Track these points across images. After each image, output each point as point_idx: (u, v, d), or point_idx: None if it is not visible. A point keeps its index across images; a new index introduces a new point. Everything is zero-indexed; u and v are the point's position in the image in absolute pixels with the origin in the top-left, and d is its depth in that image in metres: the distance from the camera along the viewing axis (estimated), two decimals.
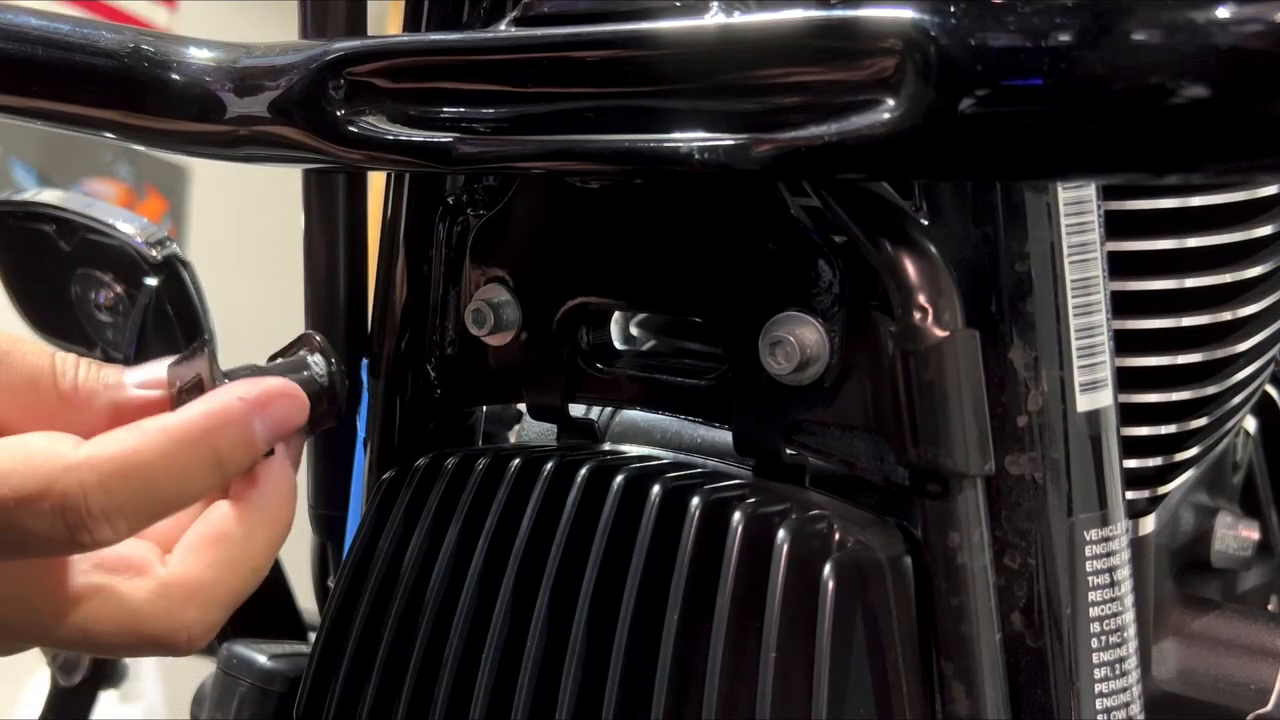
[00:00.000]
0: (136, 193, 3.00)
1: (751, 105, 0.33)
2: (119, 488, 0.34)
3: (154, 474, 0.35)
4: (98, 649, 0.37)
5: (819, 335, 0.36)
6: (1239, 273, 0.41)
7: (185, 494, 0.36)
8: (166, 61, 0.41)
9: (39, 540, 0.34)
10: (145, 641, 0.36)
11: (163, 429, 0.36)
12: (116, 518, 0.34)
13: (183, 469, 0.36)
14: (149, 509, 0.35)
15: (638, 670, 0.37)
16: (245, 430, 0.37)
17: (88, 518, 0.34)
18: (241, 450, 0.37)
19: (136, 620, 0.36)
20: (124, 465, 0.35)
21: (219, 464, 0.37)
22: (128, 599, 0.36)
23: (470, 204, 0.46)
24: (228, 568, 0.37)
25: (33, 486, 0.34)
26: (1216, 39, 0.26)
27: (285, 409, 0.39)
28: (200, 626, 0.37)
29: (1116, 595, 0.36)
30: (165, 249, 0.59)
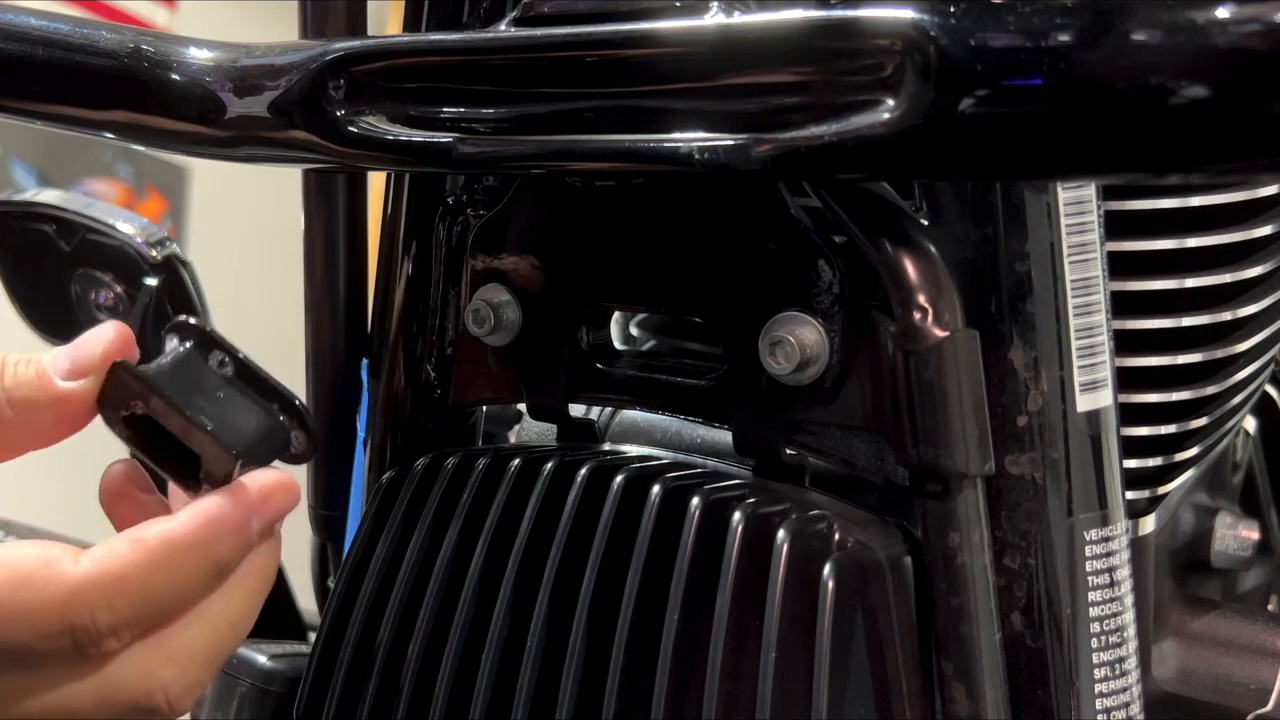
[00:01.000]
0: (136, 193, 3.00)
1: (751, 105, 0.33)
2: (125, 605, 0.34)
3: (157, 587, 0.35)
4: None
5: (819, 335, 0.36)
6: (1239, 273, 0.41)
7: (188, 602, 0.36)
8: (166, 61, 0.41)
9: (47, 659, 0.34)
10: (124, 707, 0.36)
11: (164, 541, 0.35)
12: (123, 631, 0.35)
13: (186, 580, 0.36)
14: (153, 619, 0.35)
15: (638, 670, 0.37)
16: (244, 533, 0.37)
17: (97, 636, 0.34)
18: (240, 554, 0.37)
19: (112, 686, 0.35)
20: (129, 582, 0.34)
21: (220, 572, 0.36)
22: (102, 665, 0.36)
23: (470, 204, 0.46)
24: (206, 625, 0.37)
25: (40, 612, 0.34)
26: (1216, 39, 0.26)
27: (281, 503, 0.38)
28: (179, 686, 0.36)
29: (1116, 595, 0.36)
30: (165, 249, 0.59)
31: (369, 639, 0.42)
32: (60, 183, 2.73)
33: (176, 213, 3.08)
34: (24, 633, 0.34)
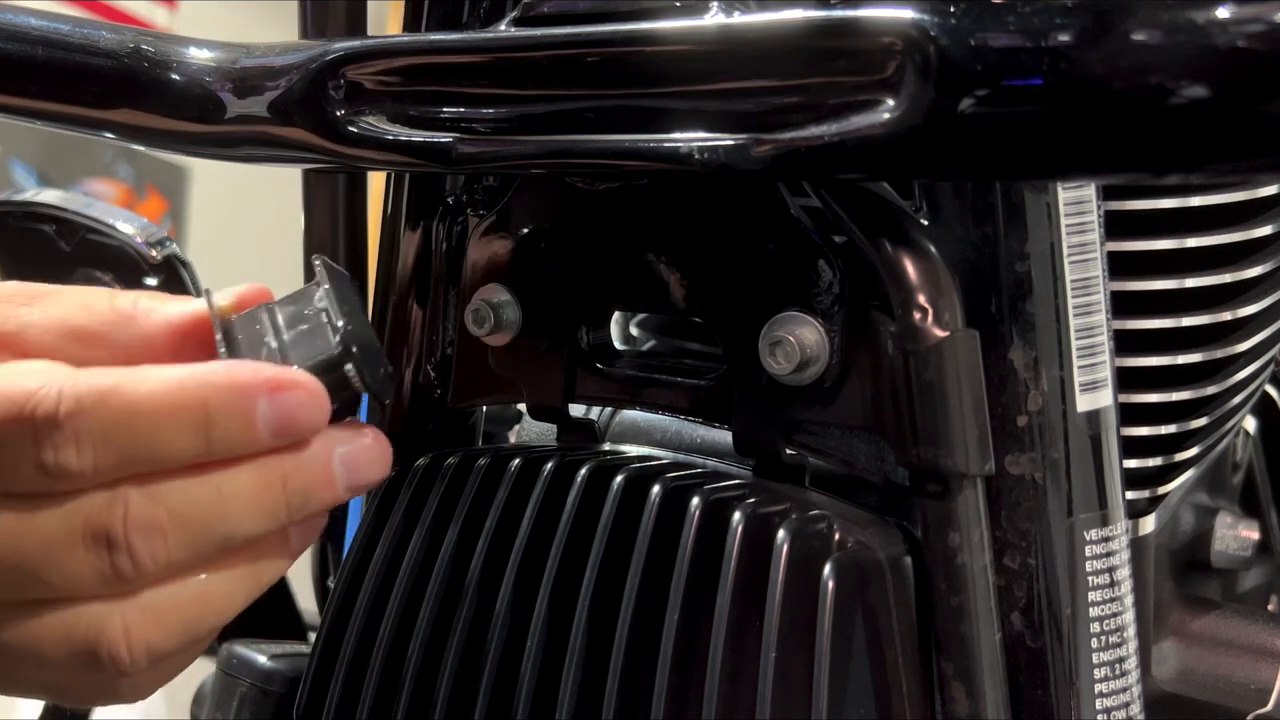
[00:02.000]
0: (136, 193, 3.00)
1: (751, 105, 0.33)
2: (94, 409, 0.32)
3: (135, 409, 0.32)
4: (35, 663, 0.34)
5: (819, 335, 0.36)
6: (1239, 273, 0.41)
7: (161, 443, 0.33)
8: (166, 62, 0.41)
9: (10, 455, 0.32)
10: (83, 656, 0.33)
11: (158, 371, 0.33)
12: (85, 441, 0.32)
13: (166, 415, 0.32)
14: (120, 446, 0.32)
15: (638, 670, 0.37)
16: (245, 402, 0.33)
17: (57, 429, 0.31)
18: (235, 423, 0.33)
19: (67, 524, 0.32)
20: (106, 392, 0.32)
21: (206, 425, 0.33)
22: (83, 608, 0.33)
23: (470, 204, 0.46)
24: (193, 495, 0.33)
25: (11, 387, 0.32)
26: (1216, 39, 0.26)
27: (299, 402, 0.34)
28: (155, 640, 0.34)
29: (1116, 595, 0.36)
30: (165, 249, 0.59)
31: (369, 639, 0.42)
32: (60, 183, 2.73)
33: (176, 213, 3.08)
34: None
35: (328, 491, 0.36)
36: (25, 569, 0.32)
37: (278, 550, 0.36)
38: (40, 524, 0.32)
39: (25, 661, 0.33)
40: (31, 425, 0.31)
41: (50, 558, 0.32)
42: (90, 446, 0.32)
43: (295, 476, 0.35)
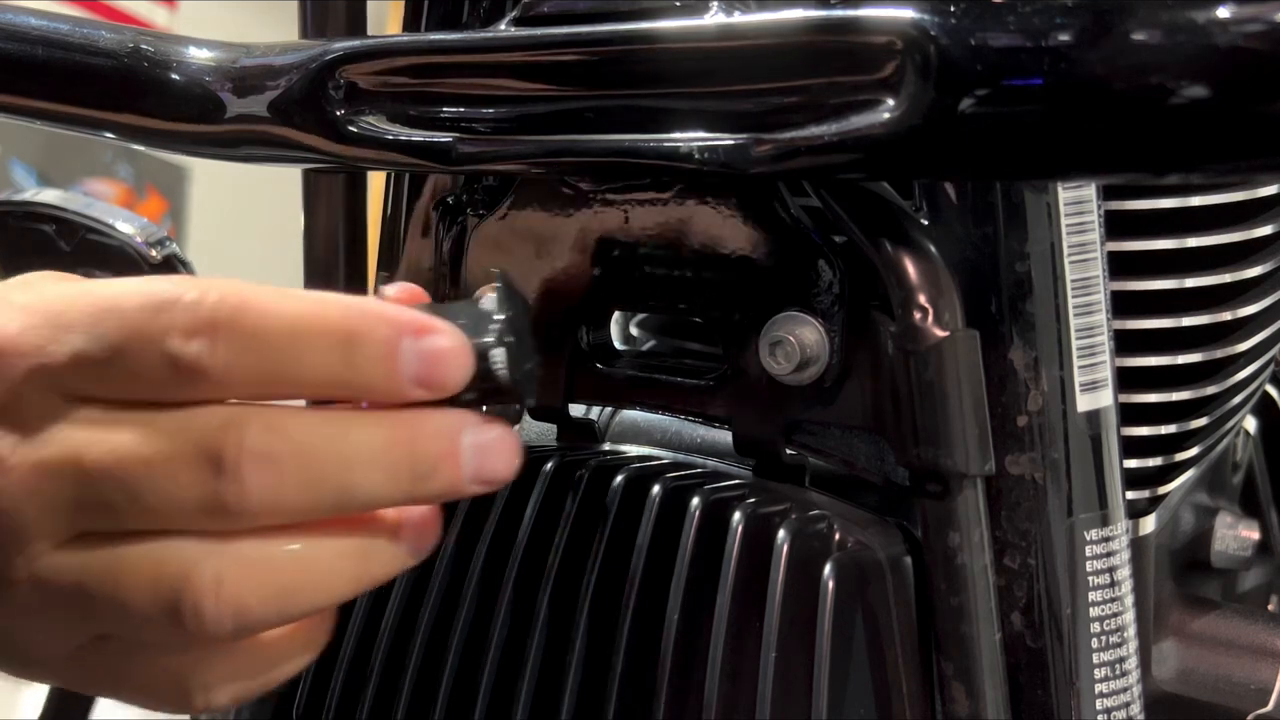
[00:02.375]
0: (136, 193, 3.00)
1: (751, 105, 0.33)
2: (237, 310, 0.30)
3: (280, 317, 0.30)
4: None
5: (819, 335, 0.36)
6: (1239, 273, 0.41)
7: (301, 359, 0.31)
8: (166, 61, 0.41)
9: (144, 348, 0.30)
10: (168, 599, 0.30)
11: (305, 290, 0.32)
12: (221, 338, 0.30)
13: (310, 331, 0.31)
14: (257, 352, 0.30)
15: (639, 670, 0.37)
16: (392, 334, 0.31)
17: (196, 320, 0.30)
18: (379, 354, 0.31)
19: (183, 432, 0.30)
20: (251, 297, 0.30)
21: (349, 350, 0.31)
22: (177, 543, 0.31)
23: (470, 204, 0.46)
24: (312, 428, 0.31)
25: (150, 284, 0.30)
26: (1216, 39, 0.26)
27: (443, 350, 0.32)
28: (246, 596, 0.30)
29: (1117, 595, 0.36)
30: (165, 249, 0.59)
31: (369, 639, 0.42)
32: (60, 182, 2.74)
33: (176, 212, 3.08)
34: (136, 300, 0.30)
35: (453, 471, 0.33)
36: (124, 487, 0.30)
37: (389, 539, 0.33)
38: (149, 437, 0.30)
39: (99, 604, 0.31)
40: (169, 315, 0.30)
41: (151, 475, 0.30)
42: (226, 344, 0.30)
43: (423, 442, 0.32)
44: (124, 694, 0.34)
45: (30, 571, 0.31)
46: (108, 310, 0.31)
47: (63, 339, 0.31)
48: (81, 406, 0.31)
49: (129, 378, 0.31)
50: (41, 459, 0.31)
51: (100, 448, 0.30)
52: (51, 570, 0.31)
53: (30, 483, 0.31)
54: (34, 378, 0.31)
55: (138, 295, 0.31)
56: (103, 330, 0.30)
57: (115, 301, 0.31)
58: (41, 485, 0.31)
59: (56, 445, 0.31)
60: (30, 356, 0.31)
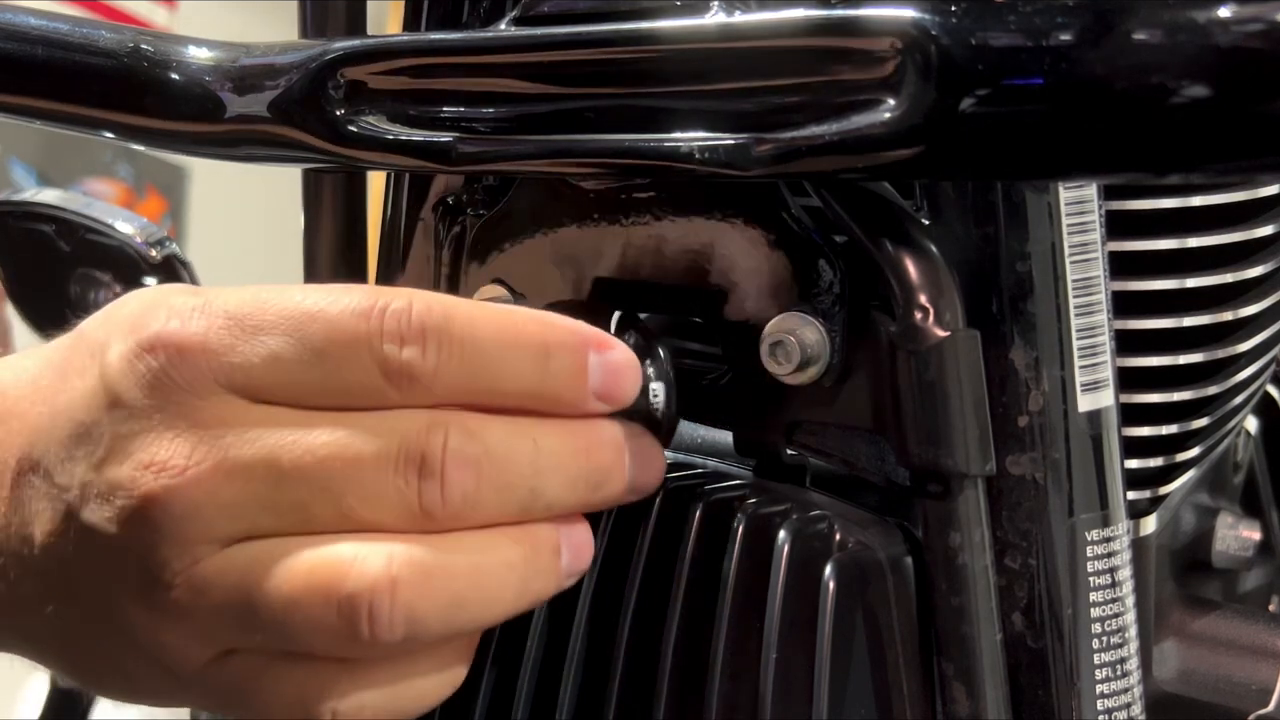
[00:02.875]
0: (136, 192, 3.00)
1: (752, 105, 0.33)
2: (444, 318, 0.31)
3: (484, 326, 0.31)
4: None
5: (819, 335, 0.36)
6: (1240, 273, 0.41)
7: (504, 368, 0.32)
8: (166, 61, 0.41)
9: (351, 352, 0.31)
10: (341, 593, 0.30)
11: (490, 304, 0.33)
12: (431, 343, 0.31)
13: (510, 341, 0.32)
14: (465, 360, 0.31)
15: (639, 671, 0.37)
16: (581, 347, 0.33)
17: (407, 326, 0.30)
18: (570, 365, 0.32)
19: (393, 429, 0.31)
20: (454, 307, 0.31)
21: (544, 361, 0.32)
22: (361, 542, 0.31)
23: (470, 204, 0.46)
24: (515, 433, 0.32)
25: (355, 293, 0.31)
26: (1218, 38, 0.26)
27: (623, 364, 0.33)
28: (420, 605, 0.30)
29: (1118, 596, 0.36)
30: (164, 249, 0.59)
31: None
32: (60, 182, 2.74)
33: (176, 212, 3.08)
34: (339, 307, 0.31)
35: (619, 480, 0.34)
36: (325, 487, 0.31)
37: (552, 557, 0.33)
38: (353, 438, 0.31)
39: (261, 608, 0.31)
40: (380, 321, 0.31)
41: (356, 475, 0.31)
42: (435, 351, 0.31)
43: (598, 452, 0.34)
44: (244, 712, 0.33)
45: (190, 573, 0.31)
46: (311, 316, 0.31)
47: (257, 341, 0.31)
48: (271, 408, 0.31)
49: (334, 382, 0.31)
50: (229, 460, 0.31)
51: (298, 448, 0.31)
52: (214, 571, 0.31)
53: (212, 484, 0.30)
54: (220, 378, 0.31)
55: (343, 302, 0.31)
56: (306, 334, 0.31)
57: (318, 308, 0.31)
58: (226, 487, 0.30)
59: (248, 447, 0.31)
60: (220, 355, 0.31)
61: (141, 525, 0.31)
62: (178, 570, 0.31)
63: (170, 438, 0.31)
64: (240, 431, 0.31)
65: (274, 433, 0.31)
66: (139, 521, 0.31)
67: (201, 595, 0.31)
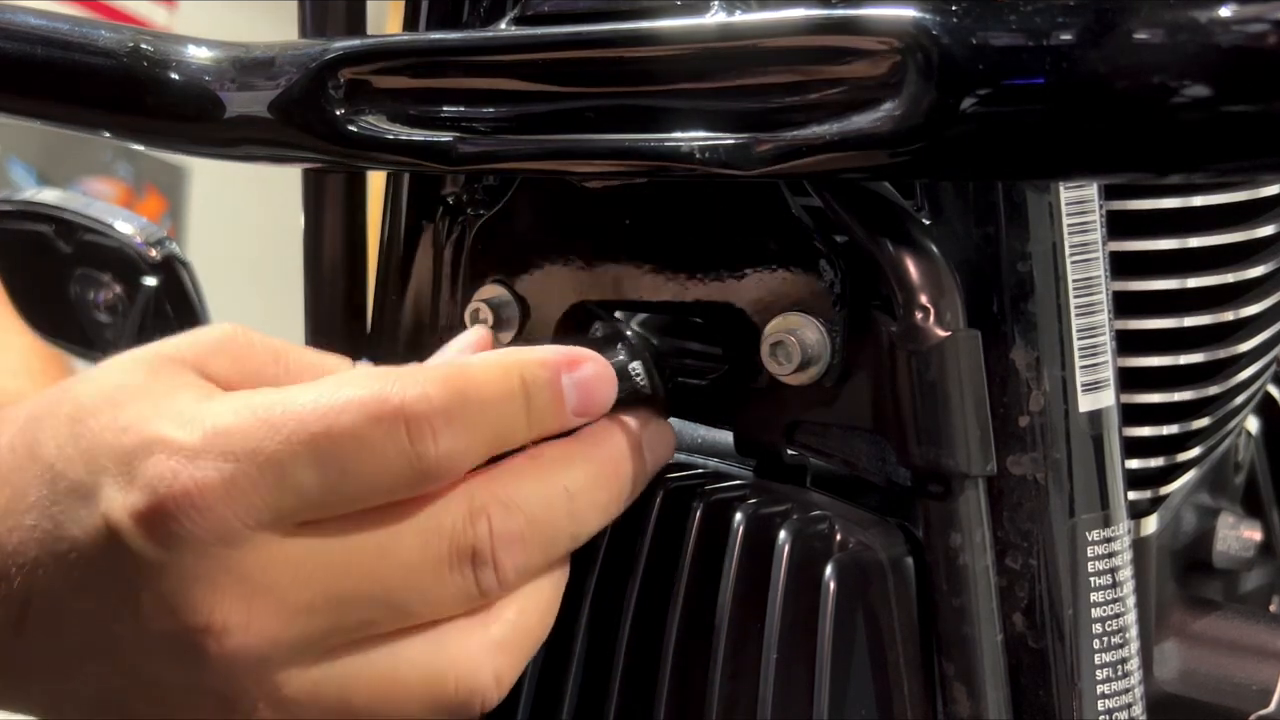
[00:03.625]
0: (136, 192, 3.00)
1: (752, 105, 0.33)
2: (447, 395, 0.31)
3: (475, 389, 0.32)
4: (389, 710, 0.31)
5: (820, 335, 0.36)
6: (1241, 273, 0.41)
7: (502, 420, 0.32)
8: (165, 61, 0.41)
9: (380, 460, 0.30)
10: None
11: (476, 356, 0.34)
12: (442, 425, 0.31)
13: (498, 392, 0.32)
14: (472, 427, 0.32)
15: (640, 671, 0.37)
16: (554, 375, 0.33)
17: (429, 422, 0.30)
18: (549, 395, 0.33)
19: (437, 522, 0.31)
20: (449, 374, 0.32)
21: (527, 400, 0.33)
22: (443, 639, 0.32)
23: (470, 203, 0.46)
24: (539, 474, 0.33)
25: (362, 389, 0.30)
26: (1218, 38, 0.26)
27: (594, 375, 0.35)
28: (510, 674, 0.32)
29: (1118, 596, 0.36)
30: (164, 249, 0.59)
31: None
32: (59, 182, 2.74)
33: (176, 212, 3.08)
34: (353, 414, 0.30)
35: (644, 477, 0.36)
36: (386, 598, 0.31)
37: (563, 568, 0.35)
38: (405, 549, 0.31)
39: (377, 706, 0.31)
40: (402, 423, 0.30)
41: (412, 582, 0.31)
42: (450, 431, 0.31)
43: (622, 466, 0.35)
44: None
45: (276, 699, 0.31)
46: (326, 433, 0.30)
47: (276, 475, 0.30)
48: (310, 541, 0.31)
49: (365, 490, 0.31)
50: (289, 605, 0.30)
51: (354, 575, 0.30)
52: (303, 692, 0.31)
53: (276, 633, 0.30)
54: (249, 521, 0.30)
55: (354, 408, 0.30)
56: (326, 453, 0.30)
57: (326, 422, 0.30)
58: (289, 629, 0.30)
59: (304, 588, 0.30)
60: (241, 499, 0.30)
61: (214, 677, 0.30)
62: (262, 707, 0.31)
63: (219, 598, 0.30)
64: (289, 572, 0.30)
65: (324, 566, 0.30)
66: (211, 674, 0.30)
67: (295, 714, 0.31)
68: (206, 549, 0.29)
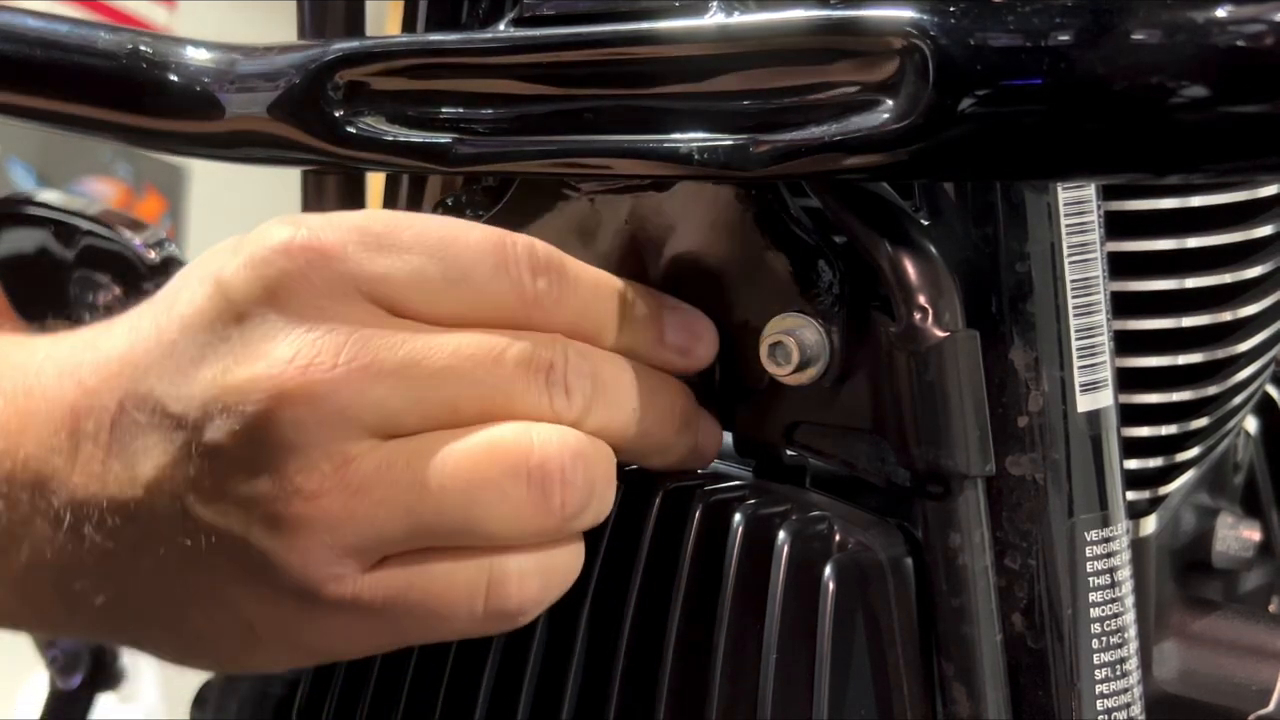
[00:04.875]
0: (135, 192, 3.00)
1: (751, 105, 0.33)
2: (558, 262, 0.34)
3: (585, 277, 0.35)
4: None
5: (819, 336, 0.36)
6: (1239, 273, 0.41)
7: (600, 312, 0.35)
8: (165, 62, 0.41)
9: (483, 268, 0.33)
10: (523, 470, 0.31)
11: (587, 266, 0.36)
12: (553, 285, 0.33)
13: (601, 291, 0.35)
14: (572, 304, 0.34)
15: (640, 671, 0.37)
16: (656, 302, 0.37)
17: (534, 259, 0.33)
18: (647, 316, 0.36)
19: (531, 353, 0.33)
20: (561, 254, 0.34)
21: (626, 308, 0.36)
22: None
23: (469, 204, 0.46)
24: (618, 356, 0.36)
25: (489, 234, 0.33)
26: (1216, 39, 0.26)
27: (698, 323, 0.38)
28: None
29: (1117, 596, 0.36)
30: (163, 251, 0.59)
31: None
32: (59, 182, 2.74)
33: (176, 212, 3.08)
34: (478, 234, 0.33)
35: (693, 431, 0.38)
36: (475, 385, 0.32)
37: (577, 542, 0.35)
38: (496, 344, 0.32)
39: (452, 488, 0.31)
40: (515, 253, 0.33)
41: (501, 375, 0.32)
42: (558, 284, 0.34)
43: (681, 398, 0.37)
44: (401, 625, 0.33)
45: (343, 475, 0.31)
46: (451, 240, 0.33)
47: (399, 257, 0.32)
48: (410, 320, 0.32)
49: (474, 302, 0.33)
50: (379, 359, 0.31)
51: (445, 350, 0.32)
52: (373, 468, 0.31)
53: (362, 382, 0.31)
54: (362, 286, 0.32)
55: (475, 233, 0.33)
56: (449, 256, 0.32)
57: (454, 234, 0.33)
58: (376, 385, 0.31)
59: (398, 348, 0.31)
60: (361, 265, 0.32)
61: (282, 427, 0.30)
62: (327, 473, 0.30)
63: (313, 339, 0.30)
64: (387, 335, 0.31)
65: (419, 337, 0.32)
66: (279, 424, 0.30)
67: (360, 495, 0.30)
68: (314, 299, 0.31)
